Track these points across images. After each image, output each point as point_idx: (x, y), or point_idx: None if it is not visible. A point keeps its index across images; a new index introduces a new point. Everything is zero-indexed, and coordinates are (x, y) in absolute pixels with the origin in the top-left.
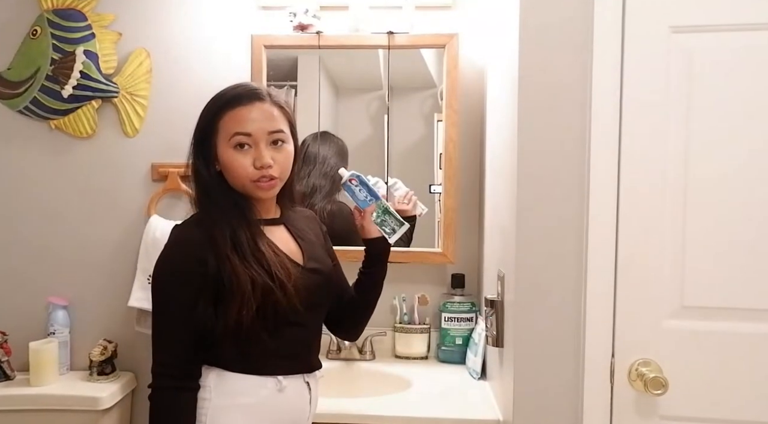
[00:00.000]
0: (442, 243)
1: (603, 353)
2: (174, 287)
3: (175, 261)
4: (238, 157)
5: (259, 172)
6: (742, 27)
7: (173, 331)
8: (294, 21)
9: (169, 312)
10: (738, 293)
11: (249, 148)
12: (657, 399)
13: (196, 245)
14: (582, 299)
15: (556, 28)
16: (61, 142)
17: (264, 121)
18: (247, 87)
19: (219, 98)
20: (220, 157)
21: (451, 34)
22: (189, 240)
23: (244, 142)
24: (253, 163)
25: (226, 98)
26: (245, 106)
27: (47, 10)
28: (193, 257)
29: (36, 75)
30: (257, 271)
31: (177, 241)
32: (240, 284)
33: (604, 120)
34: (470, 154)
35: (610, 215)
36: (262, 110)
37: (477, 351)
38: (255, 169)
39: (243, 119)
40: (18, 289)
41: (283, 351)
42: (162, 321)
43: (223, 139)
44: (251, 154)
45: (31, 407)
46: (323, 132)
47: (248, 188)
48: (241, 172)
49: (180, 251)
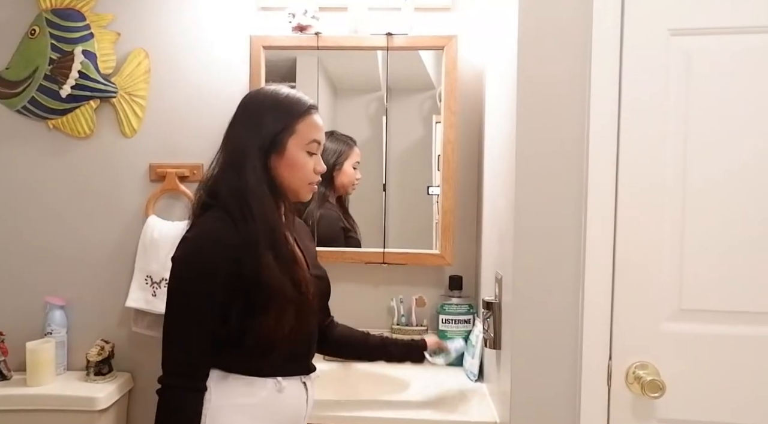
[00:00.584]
0: (440, 245)
1: (600, 356)
2: (200, 286)
3: (204, 258)
4: (307, 160)
5: (315, 176)
6: (741, 30)
7: (192, 330)
8: (293, 22)
9: (191, 311)
10: (736, 296)
11: (313, 156)
12: (654, 402)
13: (232, 244)
14: (579, 301)
15: (554, 30)
16: (59, 142)
17: (323, 133)
18: (306, 96)
19: (298, 102)
20: (292, 156)
21: (450, 36)
22: (223, 238)
23: (314, 151)
24: (315, 168)
25: (304, 103)
26: (317, 115)
27: (46, 9)
28: (227, 256)
29: (34, 75)
30: (292, 282)
31: (209, 237)
32: (280, 297)
33: (602, 122)
34: (468, 156)
35: (608, 218)
36: (321, 122)
37: (474, 353)
38: (314, 174)
39: (318, 128)
40: (15, 288)
41: (285, 354)
42: (181, 319)
43: (299, 141)
44: (313, 159)
45: (28, 407)
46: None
47: (302, 190)
48: (306, 174)
49: (211, 249)
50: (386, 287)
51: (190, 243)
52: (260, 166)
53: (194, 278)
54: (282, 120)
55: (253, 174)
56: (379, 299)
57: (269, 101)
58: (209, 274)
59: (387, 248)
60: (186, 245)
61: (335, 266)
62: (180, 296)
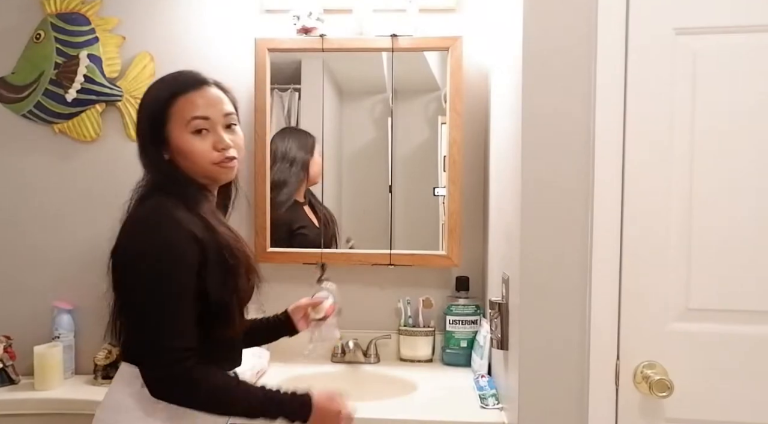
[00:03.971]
0: (447, 246)
1: (608, 356)
2: (174, 266)
3: (169, 239)
4: (197, 142)
5: (221, 153)
6: (747, 29)
7: (180, 312)
8: (297, 24)
9: (173, 293)
10: (743, 295)
11: (207, 132)
12: (662, 402)
13: (184, 220)
14: (587, 301)
15: (559, 30)
16: (65, 146)
17: (219, 104)
18: (191, 73)
19: (166, 85)
20: (176, 144)
21: (455, 37)
22: (175, 216)
23: (202, 127)
24: (214, 147)
25: (175, 84)
26: (197, 90)
27: (51, 14)
28: (186, 232)
29: (40, 79)
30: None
31: (162, 218)
32: (241, 252)
33: (608, 122)
34: (474, 157)
35: (614, 218)
36: (213, 94)
37: (482, 354)
38: (217, 152)
39: (198, 103)
40: (23, 293)
41: (237, 343)
42: (167, 304)
43: (178, 126)
44: (210, 139)
45: (36, 412)
46: (286, 128)
47: (211, 172)
48: (204, 156)
49: (171, 228)
50: (393, 288)
51: (148, 227)
52: (161, 162)
53: (166, 260)
54: (153, 110)
55: (158, 172)
56: (386, 301)
57: (148, 92)
58: (178, 252)
59: (393, 250)
60: (143, 229)
61: (342, 267)
62: (158, 282)
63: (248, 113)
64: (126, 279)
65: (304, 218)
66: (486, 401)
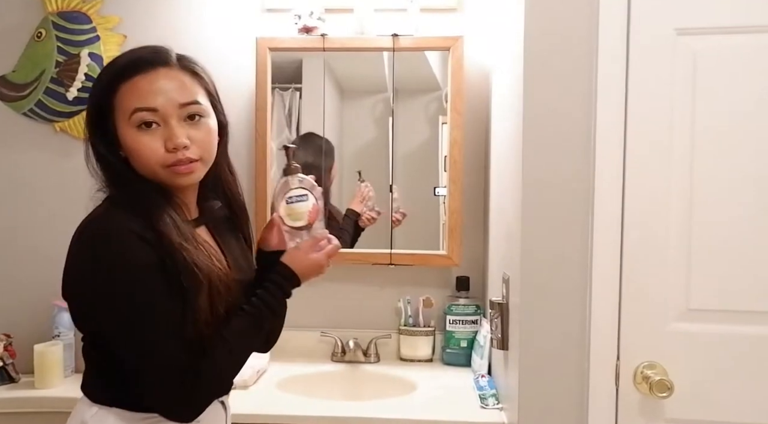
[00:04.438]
0: (447, 246)
1: (608, 356)
2: (142, 277)
3: (126, 250)
4: (143, 138)
5: (173, 155)
6: (748, 29)
7: (160, 325)
8: (299, 23)
9: (147, 306)
10: (743, 296)
11: (157, 126)
12: (662, 402)
13: (138, 228)
14: (587, 301)
15: (561, 30)
16: (66, 144)
17: (173, 91)
18: (146, 49)
19: (111, 67)
20: (122, 140)
21: (456, 37)
22: (127, 225)
23: (150, 120)
24: (165, 145)
25: (119, 65)
26: (147, 73)
27: (52, 12)
28: (142, 241)
29: (41, 77)
30: (215, 263)
31: (113, 229)
32: (203, 272)
33: (609, 122)
34: (475, 157)
35: (615, 218)
36: (169, 77)
37: (482, 354)
38: (167, 152)
39: (144, 91)
40: (22, 291)
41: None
42: (143, 321)
43: (122, 119)
44: (160, 134)
45: (36, 410)
46: (306, 133)
47: (161, 176)
48: (150, 157)
49: (124, 239)
50: (393, 288)
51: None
52: (109, 162)
53: (130, 272)
54: (98, 97)
55: (106, 176)
56: (386, 300)
57: (104, 71)
58: (140, 262)
59: (394, 249)
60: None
61: (342, 267)
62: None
63: (249, 112)
64: (87, 309)
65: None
66: (486, 401)
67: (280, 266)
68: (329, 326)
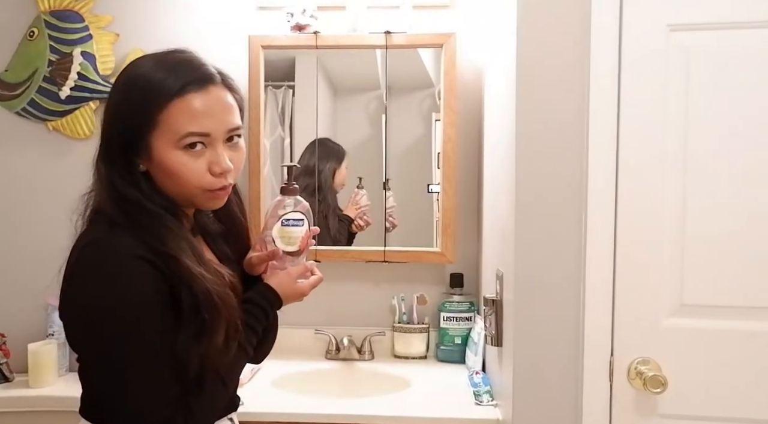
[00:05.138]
0: (441, 243)
1: (602, 352)
2: (141, 315)
3: (134, 283)
4: (188, 161)
5: (219, 180)
6: (741, 25)
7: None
8: (291, 21)
9: (143, 347)
10: (737, 291)
11: (203, 148)
12: (656, 398)
13: (148, 255)
14: (581, 297)
15: (553, 26)
16: (59, 143)
17: (223, 115)
18: (193, 60)
19: (159, 82)
20: (160, 159)
21: (449, 34)
22: (132, 252)
23: (198, 142)
24: (210, 168)
25: (171, 82)
26: (198, 92)
27: (44, 11)
28: (154, 268)
29: (33, 76)
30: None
31: (116, 256)
32: (225, 306)
33: (602, 119)
34: (469, 154)
35: (608, 214)
36: (219, 99)
37: (477, 350)
38: (212, 177)
39: (198, 113)
40: (16, 291)
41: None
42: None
43: (167, 138)
44: (206, 157)
45: (31, 409)
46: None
47: (198, 199)
48: (193, 181)
49: (134, 269)
50: (387, 285)
51: (97, 270)
52: (130, 177)
53: (128, 309)
54: (139, 111)
55: (131, 181)
56: (381, 298)
57: (129, 81)
58: (144, 296)
59: (388, 247)
60: (90, 274)
61: (336, 264)
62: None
63: None
64: (82, 337)
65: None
66: (480, 397)
67: (269, 290)
68: (323, 324)
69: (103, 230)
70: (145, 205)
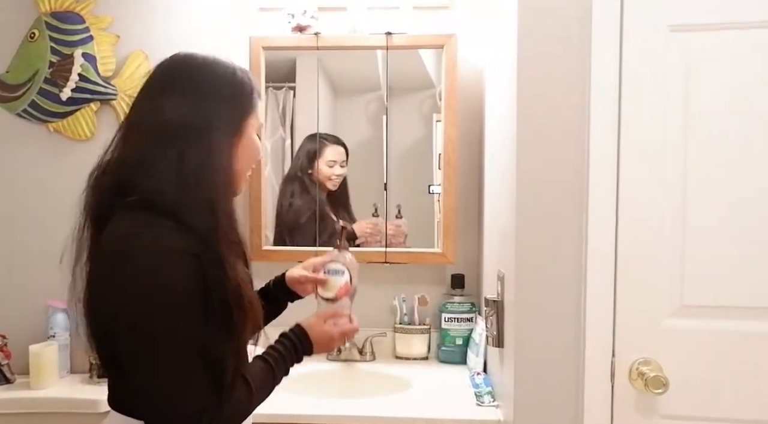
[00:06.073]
0: (442, 243)
1: (603, 353)
2: (179, 309)
3: (170, 276)
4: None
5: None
6: (741, 25)
7: (189, 364)
8: (292, 22)
9: (181, 342)
10: (738, 292)
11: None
12: (657, 398)
13: (192, 248)
14: (582, 298)
15: (554, 27)
16: (60, 144)
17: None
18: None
19: (249, 83)
20: (248, 138)
21: (450, 35)
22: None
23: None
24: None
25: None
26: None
27: (45, 13)
28: (196, 260)
29: (34, 78)
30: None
31: (160, 249)
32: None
33: (602, 119)
34: (469, 155)
35: (609, 214)
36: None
37: (478, 351)
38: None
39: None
40: (17, 292)
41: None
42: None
43: (254, 123)
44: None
45: (32, 411)
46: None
47: (240, 183)
48: (257, 159)
49: (176, 261)
50: (388, 286)
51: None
52: (226, 150)
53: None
54: (246, 99)
55: (215, 158)
56: (382, 299)
57: (228, 76)
58: (182, 290)
59: (389, 248)
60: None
61: None
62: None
63: None
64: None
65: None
66: (482, 398)
67: (301, 331)
68: None
69: (139, 218)
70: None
